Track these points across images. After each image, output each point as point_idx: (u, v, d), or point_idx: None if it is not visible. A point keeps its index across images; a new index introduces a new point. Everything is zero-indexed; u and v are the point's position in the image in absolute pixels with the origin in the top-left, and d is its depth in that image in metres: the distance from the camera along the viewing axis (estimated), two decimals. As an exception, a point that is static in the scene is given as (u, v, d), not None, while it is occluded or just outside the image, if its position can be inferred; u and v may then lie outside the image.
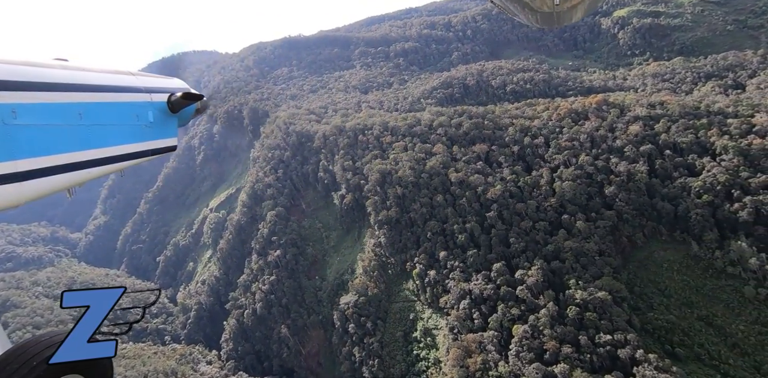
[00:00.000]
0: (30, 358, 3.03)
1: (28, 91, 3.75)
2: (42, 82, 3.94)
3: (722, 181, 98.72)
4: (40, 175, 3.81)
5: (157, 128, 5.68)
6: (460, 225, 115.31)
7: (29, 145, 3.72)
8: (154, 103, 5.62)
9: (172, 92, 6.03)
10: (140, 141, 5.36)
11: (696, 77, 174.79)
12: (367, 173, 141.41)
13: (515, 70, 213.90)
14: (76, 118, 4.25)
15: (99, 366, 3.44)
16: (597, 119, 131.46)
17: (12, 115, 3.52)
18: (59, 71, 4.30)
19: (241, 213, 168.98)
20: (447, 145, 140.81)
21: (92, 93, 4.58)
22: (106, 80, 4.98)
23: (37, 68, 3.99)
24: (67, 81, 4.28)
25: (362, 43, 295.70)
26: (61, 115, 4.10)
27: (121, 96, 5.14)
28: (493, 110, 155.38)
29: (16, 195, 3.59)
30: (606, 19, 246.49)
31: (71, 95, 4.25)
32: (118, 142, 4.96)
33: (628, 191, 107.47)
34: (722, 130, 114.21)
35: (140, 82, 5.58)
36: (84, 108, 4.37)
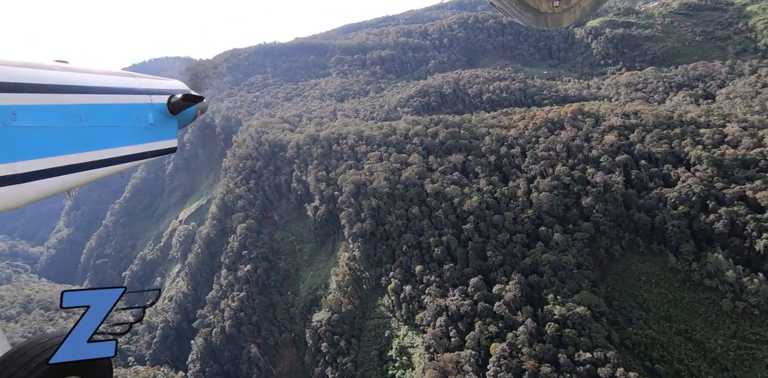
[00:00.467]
0: (29, 360, 3.01)
1: (29, 92, 3.71)
2: (42, 84, 3.88)
3: (697, 191, 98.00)
4: (40, 177, 3.78)
5: (157, 130, 5.57)
6: (437, 238, 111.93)
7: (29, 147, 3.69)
8: (154, 104, 5.52)
9: (172, 94, 5.89)
10: (140, 143, 5.26)
11: (667, 87, 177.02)
12: (341, 184, 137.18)
13: (491, 78, 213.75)
14: (76, 120, 4.20)
15: (99, 367, 3.39)
16: (573, 129, 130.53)
17: (12, 117, 3.49)
18: (59, 73, 4.22)
19: (210, 226, 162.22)
20: (423, 155, 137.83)
21: (92, 95, 4.51)
22: (106, 82, 4.88)
23: (38, 70, 3.93)
24: (67, 83, 4.22)
25: (339, 50, 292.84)
26: (61, 117, 4.06)
27: (121, 98, 5.03)
28: (470, 119, 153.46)
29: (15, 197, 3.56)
30: (579, 29, 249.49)
31: (71, 97, 4.21)
32: (119, 144, 4.88)
33: (604, 202, 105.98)
34: (695, 140, 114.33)
35: (140, 84, 5.47)
36: (84, 110, 4.32)
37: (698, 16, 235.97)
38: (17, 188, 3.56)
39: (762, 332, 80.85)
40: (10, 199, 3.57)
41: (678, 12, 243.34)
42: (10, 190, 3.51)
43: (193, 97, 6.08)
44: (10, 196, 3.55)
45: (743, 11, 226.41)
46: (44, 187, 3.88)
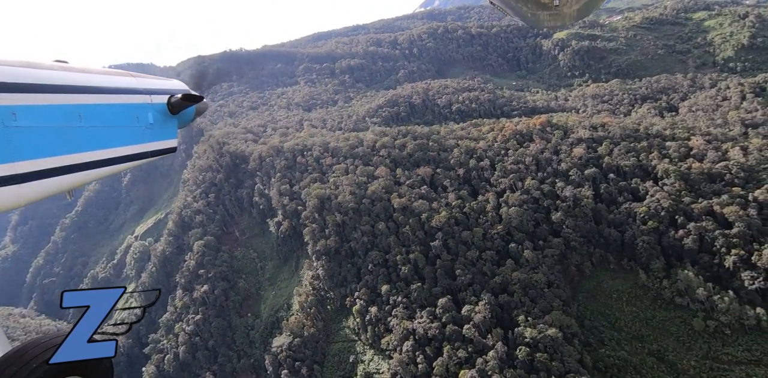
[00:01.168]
0: (30, 360, 3.01)
1: (28, 92, 3.71)
2: (42, 84, 3.89)
3: (666, 206, 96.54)
4: (40, 177, 3.79)
5: (157, 130, 5.54)
6: (404, 255, 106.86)
7: (29, 147, 3.69)
8: (153, 104, 5.49)
9: (171, 94, 5.85)
10: (140, 142, 5.23)
11: (633, 99, 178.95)
12: (305, 198, 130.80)
13: (461, 89, 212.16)
14: (76, 120, 4.20)
15: (99, 367, 3.40)
16: (541, 141, 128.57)
17: (12, 117, 3.50)
18: (59, 73, 4.22)
19: (166, 242, 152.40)
20: (390, 168, 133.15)
21: (92, 95, 4.49)
22: (106, 82, 4.87)
23: (37, 70, 3.94)
24: (67, 83, 4.21)
25: (307, 58, 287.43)
26: (61, 117, 4.06)
27: (121, 97, 5.01)
28: (438, 131, 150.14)
29: (16, 197, 3.58)
30: (546, 41, 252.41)
31: (71, 97, 4.20)
32: (118, 144, 4.86)
33: (574, 217, 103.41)
34: (662, 153, 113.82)
35: (140, 84, 5.43)
36: (84, 110, 4.32)
37: (660, 30, 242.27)
38: (17, 188, 3.54)
39: (734, 352, 78.76)
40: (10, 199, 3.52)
41: (640, 26, 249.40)
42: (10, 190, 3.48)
43: (192, 96, 5.89)
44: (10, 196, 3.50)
45: (701, 26, 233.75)
46: (44, 187, 3.85)
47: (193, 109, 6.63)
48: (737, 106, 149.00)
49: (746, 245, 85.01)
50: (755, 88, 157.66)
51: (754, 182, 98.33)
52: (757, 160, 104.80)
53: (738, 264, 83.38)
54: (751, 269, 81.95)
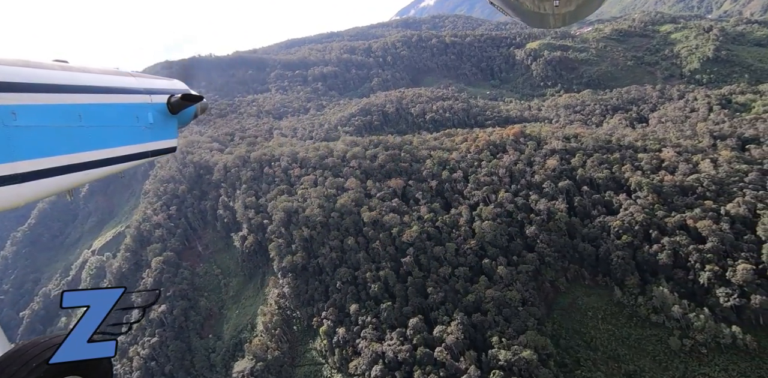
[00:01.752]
0: (29, 360, 3.01)
1: (28, 92, 3.74)
2: (42, 84, 3.91)
3: (640, 220, 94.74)
4: (40, 177, 3.82)
5: (157, 129, 5.58)
6: (374, 272, 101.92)
7: (29, 147, 3.72)
8: (153, 104, 5.52)
9: (171, 93, 5.88)
10: (140, 142, 5.27)
11: (604, 110, 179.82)
12: (271, 211, 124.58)
13: (435, 98, 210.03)
14: (76, 120, 4.23)
15: (99, 367, 3.40)
16: (515, 152, 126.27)
17: (12, 117, 3.53)
18: (59, 73, 4.24)
19: (123, 258, 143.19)
20: (361, 180, 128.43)
21: (92, 94, 4.52)
22: (105, 81, 4.89)
23: (37, 70, 3.96)
24: (66, 82, 4.23)
25: (279, 65, 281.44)
26: (60, 117, 4.08)
27: (121, 97, 5.03)
28: (411, 141, 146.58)
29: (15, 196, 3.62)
30: (519, 50, 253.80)
31: (71, 97, 4.23)
32: (118, 144, 4.90)
33: (549, 231, 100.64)
34: (635, 165, 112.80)
35: (140, 84, 5.47)
36: (84, 109, 4.35)
37: (629, 41, 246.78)
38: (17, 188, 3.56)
39: (711, 373, 76.46)
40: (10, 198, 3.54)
41: (610, 37, 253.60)
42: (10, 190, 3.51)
43: (192, 96, 5.91)
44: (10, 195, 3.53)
45: (668, 38, 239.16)
46: (44, 186, 3.87)
47: (194, 108, 6.45)
48: (705, 117, 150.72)
49: (720, 261, 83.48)
50: (721, 100, 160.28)
51: (725, 195, 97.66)
52: (727, 173, 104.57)
53: (713, 280, 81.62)
54: (726, 285, 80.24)
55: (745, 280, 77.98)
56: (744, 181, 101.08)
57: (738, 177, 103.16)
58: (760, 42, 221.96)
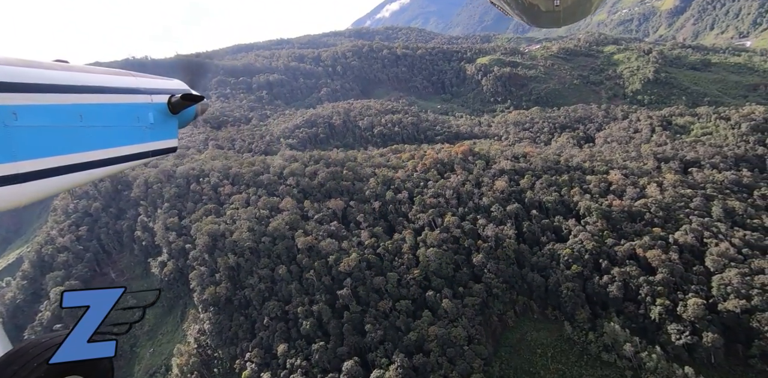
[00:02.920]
0: (30, 360, 3.03)
1: (29, 92, 3.75)
2: (43, 84, 3.91)
3: (589, 248, 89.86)
4: (42, 177, 3.84)
5: (158, 129, 5.56)
6: (306, 306, 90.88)
7: (30, 147, 3.75)
8: (154, 104, 5.51)
9: (172, 93, 5.87)
10: (141, 142, 5.26)
11: (552, 128, 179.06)
12: (194, 234, 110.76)
13: (384, 110, 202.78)
14: (77, 120, 4.24)
15: (99, 367, 3.42)
16: (463, 172, 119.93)
17: (13, 117, 3.55)
18: (60, 73, 4.24)
19: (18, 287, 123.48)
20: (298, 200, 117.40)
21: (93, 94, 4.51)
22: (106, 81, 4.88)
23: (38, 70, 3.96)
24: (67, 82, 4.23)
25: (222, 71, 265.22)
26: (62, 117, 4.09)
27: (122, 97, 5.02)
28: (355, 157, 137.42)
29: (17, 196, 3.65)
30: (470, 65, 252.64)
31: (72, 97, 4.23)
32: (119, 144, 4.90)
33: (496, 260, 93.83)
34: (583, 188, 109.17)
35: (140, 84, 5.46)
36: (85, 109, 4.36)
37: (575, 60, 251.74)
38: (19, 187, 3.58)
39: (665, 417, 71.03)
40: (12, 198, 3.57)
41: (557, 55, 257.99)
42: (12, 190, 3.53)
43: (193, 96, 5.87)
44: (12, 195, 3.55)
45: (612, 59, 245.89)
46: (46, 186, 3.88)
47: (194, 108, 6.37)
48: (648, 138, 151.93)
49: (671, 294, 79.34)
50: (662, 122, 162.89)
51: (672, 222, 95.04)
52: (673, 198, 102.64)
53: (664, 315, 77.15)
54: (677, 321, 75.86)
55: (696, 316, 73.80)
56: (690, 207, 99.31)
57: (683, 202, 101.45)
58: (695, 66, 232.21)
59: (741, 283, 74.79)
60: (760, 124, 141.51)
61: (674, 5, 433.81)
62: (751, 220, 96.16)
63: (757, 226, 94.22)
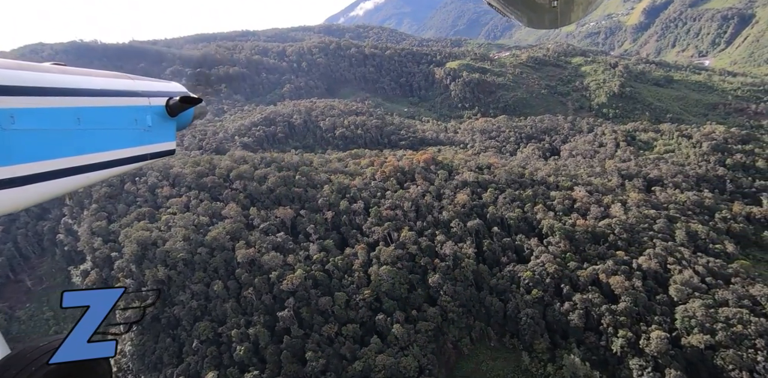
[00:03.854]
0: (29, 364, 3.02)
1: (27, 96, 3.72)
2: (40, 87, 3.86)
3: (551, 272, 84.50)
4: (39, 180, 3.82)
5: (156, 132, 5.54)
6: (242, 329, 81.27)
7: (28, 150, 3.73)
8: (152, 107, 5.46)
9: (170, 96, 5.79)
10: (139, 145, 5.24)
11: (519, 137, 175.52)
12: (122, 241, 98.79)
13: (348, 111, 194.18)
14: (75, 123, 4.21)
15: (98, 370, 3.38)
16: (424, 182, 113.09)
17: (10, 120, 3.53)
18: (57, 76, 4.18)
19: None
20: (244, 206, 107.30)
21: (90, 97, 4.47)
22: (104, 84, 4.83)
23: (35, 73, 3.91)
24: (65, 85, 4.18)
25: (179, 60, 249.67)
26: (59, 120, 4.05)
27: (120, 100, 4.98)
28: (311, 160, 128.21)
29: (15, 200, 3.63)
30: (440, 69, 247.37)
31: (69, 100, 4.18)
32: (117, 147, 4.90)
33: (454, 281, 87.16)
34: (547, 205, 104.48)
35: (138, 86, 5.41)
36: (82, 112, 4.31)
37: (543, 70, 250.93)
38: (17, 191, 3.56)
39: None
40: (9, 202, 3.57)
41: (526, 64, 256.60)
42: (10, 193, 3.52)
43: (191, 99, 5.81)
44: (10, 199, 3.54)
45: (579, 70, 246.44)
46: (44, 190, 3.87)
47: (192, 111, 6.30)
48: (612, 153, 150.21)
49: (634, 325, 74.82)
50: (626, 137, 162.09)
51: (636, 245, 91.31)
52: (637, 219, 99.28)
53: (626, 348, 72.32)
54: (639, 355, 71.18)
55: (659, 350, 69.27)
56: (653, 230, 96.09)
57: (647, 224, 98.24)
58: (658, 82, 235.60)
59: (705, 316, 70.91)
60: (720, 144, 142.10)
61: (639, 21, 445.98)
62: (713, 244, 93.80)
63: (720, 252, 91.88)
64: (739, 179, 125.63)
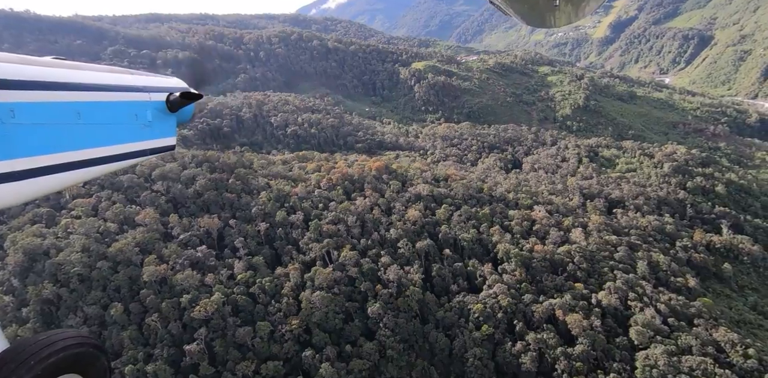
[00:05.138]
0: (27, 358, 3.08)
1: (27, 90, 3.71)
2: (40, 81, 3.88)
3: (504, 305, 75.61)
4: (39, 174, 3.82)
5: (156, 128, 5.51)
6: (140, 364, 67.66)
7: (28, 144, 3.72)
8: (152, 102, 5.46)
9: (170, 91, 5.77)
10: (139, 140, 5.22)
11: (481, 146, 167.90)
12: (7, 248, 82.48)
13: (303, 108, 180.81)
14: (75, 118, 4.20)
15: (97, 365, 3.52)
16: (374, 194, 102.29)
17: (10, 114, 3.52)
18: (58, 70, 4.19)
19: None
20: (164, 212, 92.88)
21: (91, 92, 4.47)
22: (104, 79, 4.80)
23: (36, 67, 3.92)
24: (65, 80, 4.19)
25: (123, 40, 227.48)
26: (59, 115, 4.04)
27: (120, 95, 4.97)
28: (252, 161, 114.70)
29: (14, 194, 3.65)
30: (405, 69, 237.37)
31: (70, 94, 4.18)
32: (117, 142, 4.87)
33: (396, 311, 76.72)
34: (504, 225, 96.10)
35: (139, 81, 5.40)
36: (83, 107, 4.31)
37: (510, 77, 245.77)
38: (17, 185, 3.58)
39: None
40: (10, 195, 3.58)
41: (493, 70, 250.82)
42: (9, 187, 3.54)
43: (191, 94, 5.82)
44: (9, 193, 3.56)
45: (545, 80, 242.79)
46: (43, 184, 3.88)
47: (192, 107, 6.37)
48: (575, 170, 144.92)
49: (590, 372, 66.83)
50: (589, 152, 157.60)
51: (596, 276, 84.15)
52: (598, 245, 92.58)
53: (581, 400, 64.17)
54: (595, 409, 63.16)
55: (617, 404, 61.42)
56: (614, 259, 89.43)
57: (608, 252, 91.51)
58: (622, 97, 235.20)
59: (668, 365, 63.67)
60: (681, 165, 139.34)
61: (605, 35, 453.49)
62: (675, 278, 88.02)
63: (681, 287, 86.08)
64: (700, 204, 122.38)
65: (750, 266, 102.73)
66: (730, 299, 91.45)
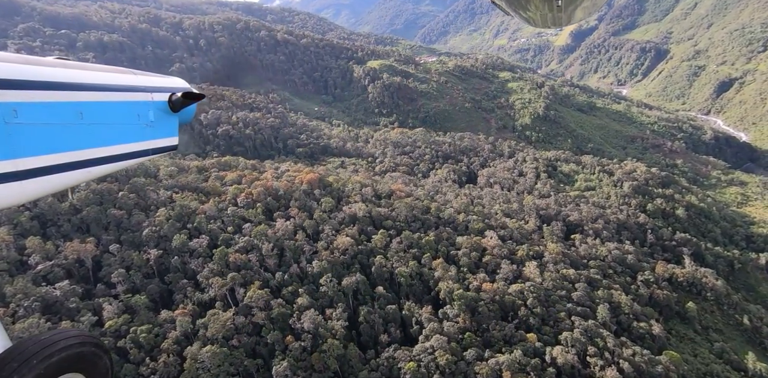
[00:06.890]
0: (30, 357, 3.09)
1: (30, 90, 3.69)
2: (43, 81, 3.84)
3: (443, 364, 61.72)
4: (41, 174, 3.82)
5: (159, 128, 5.46)
6: None
7: (30, 144, 3.72)
8: (155, 102, 5.42)
9: (173, 92, 5.71)
10: (141, 140, 5.20)
11: (435, 156, 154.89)
12: None
13: (242, 104, 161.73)
14: (77, 118, 4.19)
15: (99, 365, 3.49)
16: (300, 214, 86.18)
17: (13, 114, 3.53)
18: (60, 70, 4.17)
19: None
20: (24, 232, 73.09)
21: (93, 92, 4.48)
22: (107, 79, 4.83)
23: (39, 67, 3.88)
24: (68, 80, 4.17)
25: (38, 17, 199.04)
26: (62, 114, 4.03)
27: (123, 95, 4.98)
28: (158, 169, 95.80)
29: (17, 194, 3.63)
30: (359, 67, 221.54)
31: (72, 94, 4.17)
32: (120, 142, 4.87)
33: (309, 371, 61.12)
34: (450, 256, 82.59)
35: (141, 81, 5.36)
36: (85, 107, 4.30)
37: (469, 81, 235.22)
38: (20, 185, 3.58)
39: None
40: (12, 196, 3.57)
41: (453, 73, 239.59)
42: (12, 187, 3.53)
43: (194, 95, 5.76)
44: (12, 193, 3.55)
45: (506, 86, 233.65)
46: (46, 184, 3.88)
47: (194, 107, 6.28)
48: (532, 186, 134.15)
49: None
50: (548, 166, 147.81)
51: (552, 322, 71.87)
52: (554, 282, 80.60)
53: None
54: None
55: None
56: (572, 299, 77.48)
57: (565, 289, 79.60)
58: (582, 107, 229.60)
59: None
60: (641, 185, 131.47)
61: (566, 43, 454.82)
62: (638, 322, 77.23)
63: (645, 334, 75.26)
64: (660, 229, 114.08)
65: (714, 303, 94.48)
66: (695, 344, 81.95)
